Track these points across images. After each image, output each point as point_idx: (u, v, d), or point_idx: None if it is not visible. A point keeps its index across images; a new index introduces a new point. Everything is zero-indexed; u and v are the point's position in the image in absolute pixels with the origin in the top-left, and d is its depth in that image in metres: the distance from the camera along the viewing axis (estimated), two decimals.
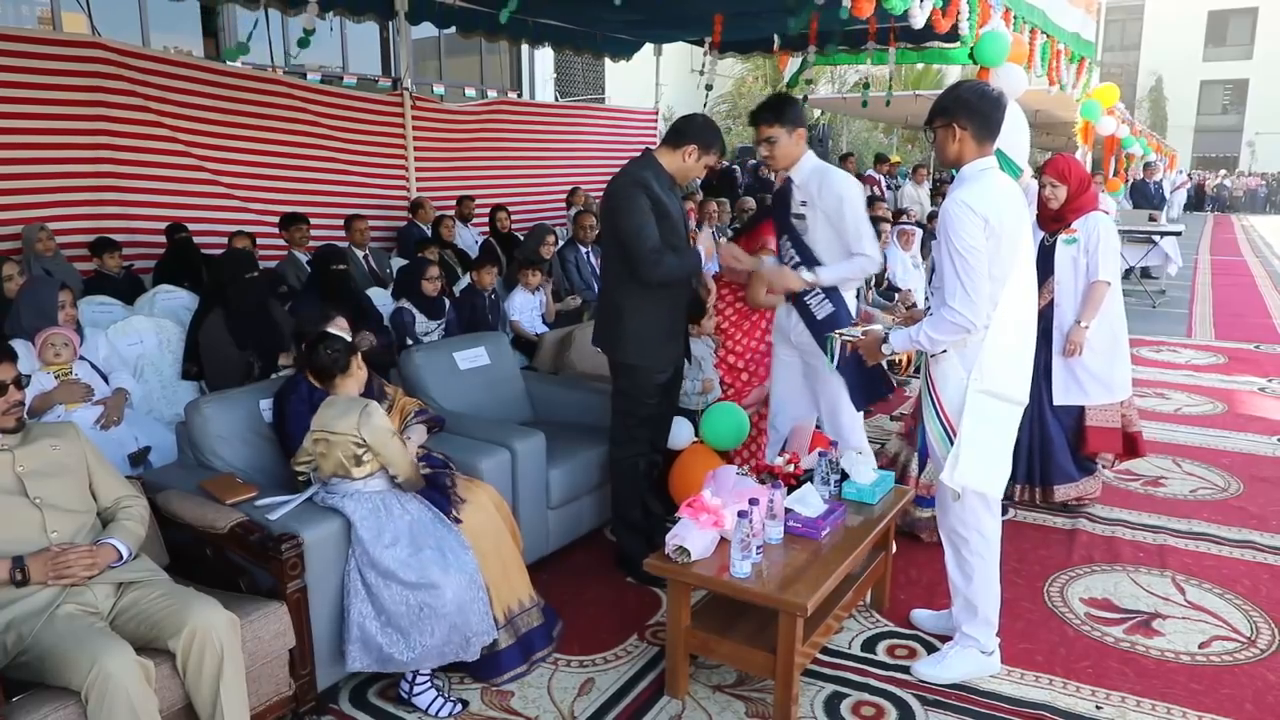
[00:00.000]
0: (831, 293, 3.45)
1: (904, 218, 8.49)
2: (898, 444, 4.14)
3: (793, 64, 10.20)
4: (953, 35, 5.75)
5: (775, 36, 9.60)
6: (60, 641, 2.15)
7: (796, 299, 3.49)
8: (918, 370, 4.50)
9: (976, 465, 2.77)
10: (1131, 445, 4.30)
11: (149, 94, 6.62)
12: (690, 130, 3.38)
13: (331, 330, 2.76)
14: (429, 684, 2.83)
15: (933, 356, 2.84)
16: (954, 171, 3.71)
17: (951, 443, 2.79)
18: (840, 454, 3.36)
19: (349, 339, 2.79)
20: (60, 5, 10.40)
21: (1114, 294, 4.10)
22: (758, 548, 2.76)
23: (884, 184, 12.06)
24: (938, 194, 13.00)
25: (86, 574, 2.32)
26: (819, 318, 3.47)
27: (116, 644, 2.15)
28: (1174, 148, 26.97)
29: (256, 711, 2.45)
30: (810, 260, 3.44)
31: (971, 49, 5.60)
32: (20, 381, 2.44)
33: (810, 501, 3.07)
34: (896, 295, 6.94)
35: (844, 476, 3.33)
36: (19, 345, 3.38)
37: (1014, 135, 4.89)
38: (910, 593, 3.54)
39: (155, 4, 10.58)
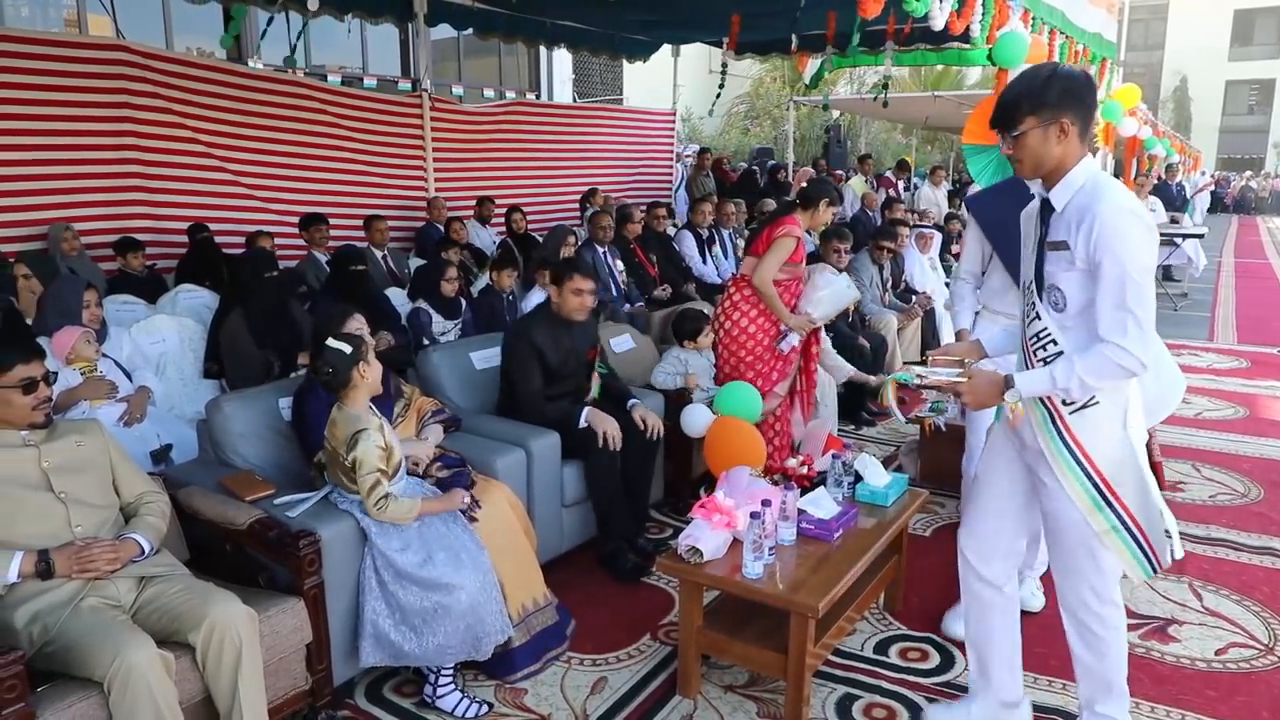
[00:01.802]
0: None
1: (922, 220, 8.47)
2: (909, 445, 4.14)
3: (812, 65, 10.19)
4: (966, 36, 5.75)
5: (793, 37, 9.60)
6: (84, 633, 2.19)
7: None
8: (934, 411, 4.28)
9: (1163, 531, 2.26)
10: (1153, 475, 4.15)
11: (172, 95, 6.71)
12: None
13: (334, 343, 2.76)
14: (453, 686, 2.85)
15: (1072, 407, 2.23)
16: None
17: (1121, 521, 2.24)
18: (855, 455, 3.37)
19: (348, 349, 2.77)
20: (86, 7, 10.53)
21: None
22: (770, 549, 2.78)
23: (901, 187, 12.02)
24: (956, 196, 12.94)
25: (109, 568, 2.36)
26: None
27: (138, 637, 2.19)
28: (1198, 149, 26.71)
29: (274, 705, 2.48)
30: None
31: (990, 50, 5.59)
32: (49, 378, 2.49)
33: (823, 503, 3.08)
34: (914, 297, 6.92)
35: (857, 479, 3.34)
36: (41, 343, 3.43)
37: None
38: (924, 595, 3.53)
39: (178, 6, 10.69)
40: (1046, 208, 2.22)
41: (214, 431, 3.15)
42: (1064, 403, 2.23)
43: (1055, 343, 2.22)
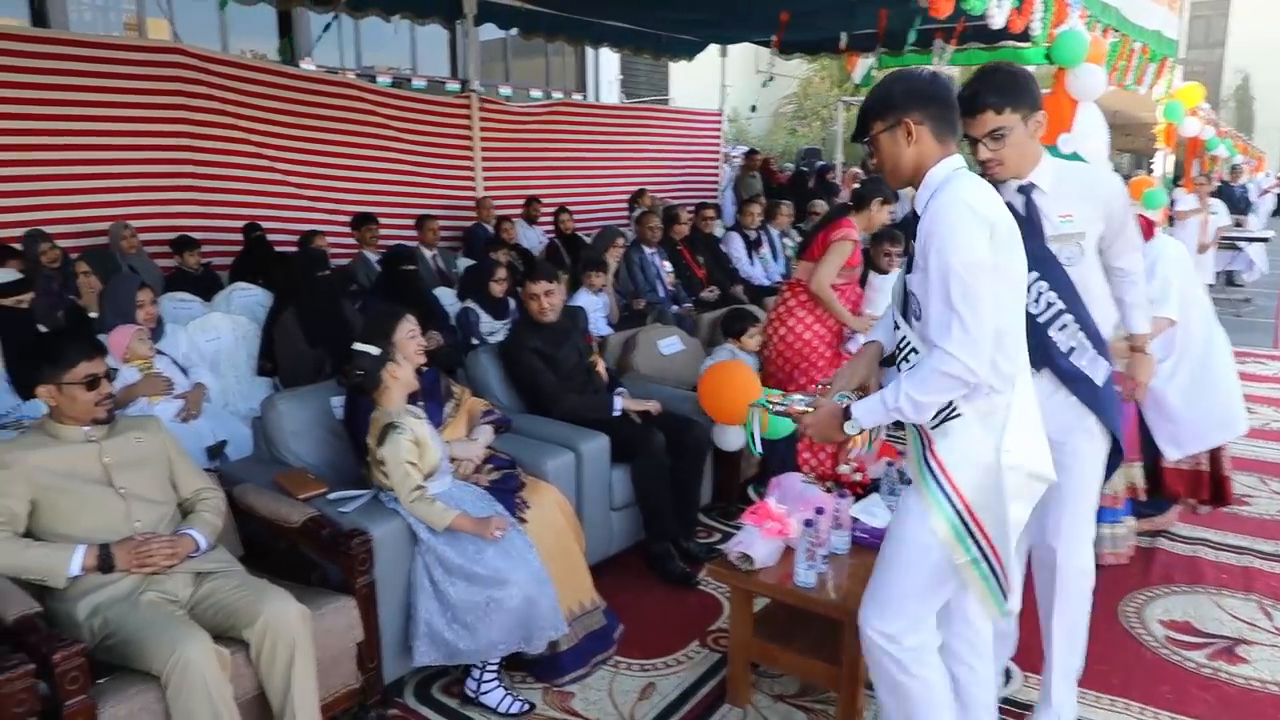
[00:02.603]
0: (1100, 343, 2.46)
1: None
2: None
3: (862, 64, 10.07)
4: (1025, 35, 5.63)
5: (843, 35, 9.50)
6: (143, 627, 2.22)
7: (1057, 360, 2.43)
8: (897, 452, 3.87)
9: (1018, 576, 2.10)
10: (1219, 491, 3.97)
11: (227, 97, 6.83)
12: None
13: (361, 346, 2.78)
14: (497, 682, 2.85)
15: (934, 428, 2.03)
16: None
17: (979, 547, 2.02)
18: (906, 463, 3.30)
19: (375, 350, 2.79)
20: (146, 12, 10.78)
21: (1194, 319, 3.70)
22: (823, 557, 2.73)
23: None
24: None
25: (167, 563, 2.39)
26: (1099, 381, 2.44)
27: (195, 632, 2.21)
28: (1262, 149, 25.92)
29: (325, 702, 2.49)
30: (1078, 303, 2.43)
31: (1048, 49, 5.47)
32: (110, 375, 2.53)
33: (877, 511, 3.02)
34: None
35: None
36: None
37: (1093, 139, 4.76)
38: None
39: (234, 9, 10.91)
40: (914, 215, 2.11)
41: (268, 429, 3.18)
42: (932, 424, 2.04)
43: (916, 353, 2.04)
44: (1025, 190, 2.38)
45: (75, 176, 6.06)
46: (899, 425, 2.16)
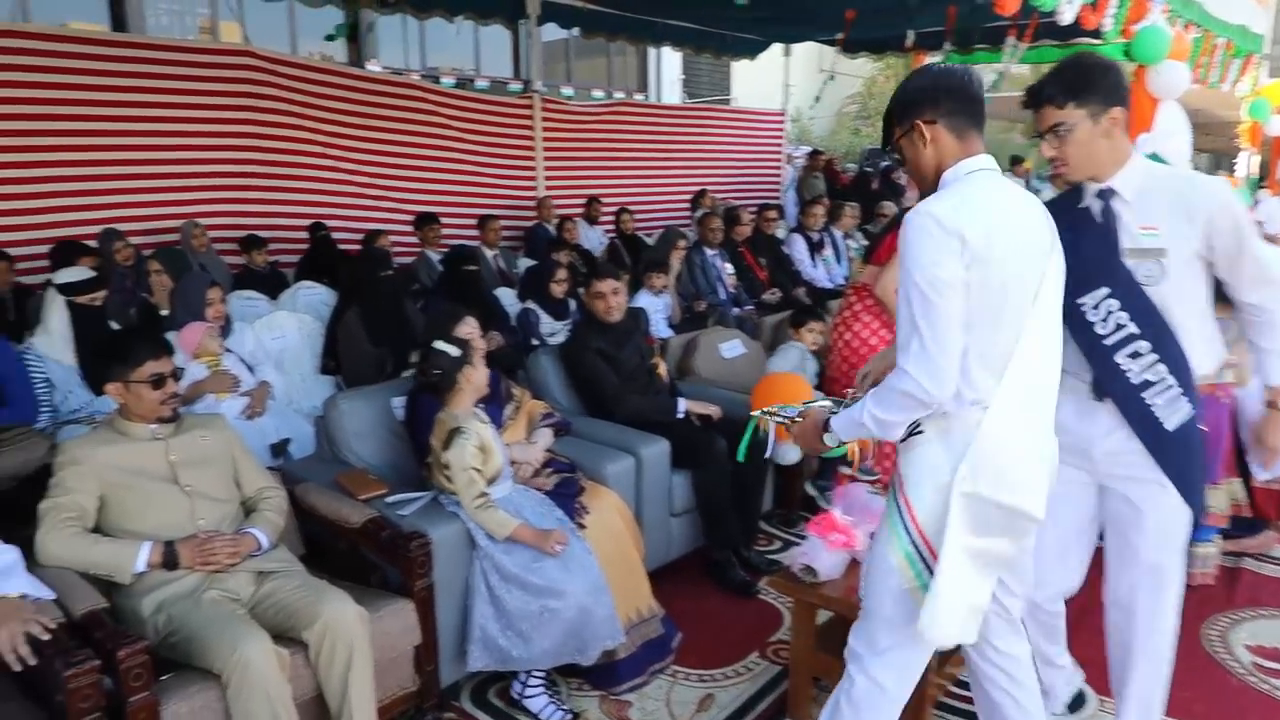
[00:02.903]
0: (1189, 383, 2.14)
1: None
2: None
3: (928, 62, 9.84)
4: (1096, 32, 5.44)
5: (909, 33, 9.30)
6: (205, 625, 2.23)
7: (1123, 391, 2.17)
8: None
9: (959, 610, 1.89)
10: None
11: (294, 99, 6.95)
12: None
13: (439, 341, 2.77)
14: (542, 689, 2.82)
15: (901, 443, 1.99)
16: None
17: (929, 571, 1.91)
18: None
19: (455, 351, 2.77)
20: (219, 16, 11.04)
21: None
22: None
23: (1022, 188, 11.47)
24: None
25: (229, 561, 2.41)
26: (1170, 427, 2.13)
27: (256, 632, 2.21)
28: None
29: (382, 705, 2.48)
30: (1159, 330, 2.14)
31: (1127, 46, 5.27)
32: (177, 374, 2.56)
33: None
34: None
35: None
36: (170, 338, 3.55)
37: (1176, 138, 4.55)
38: None
39: (304, 13, 11.12)
40: None
41: (330, 429, 3.20)
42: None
43: None
44: (1104, 196, 2.17)
45: (149, 176, 6.23)
46: None
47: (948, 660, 2.68)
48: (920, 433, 1.93)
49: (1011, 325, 1.87)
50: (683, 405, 3.71)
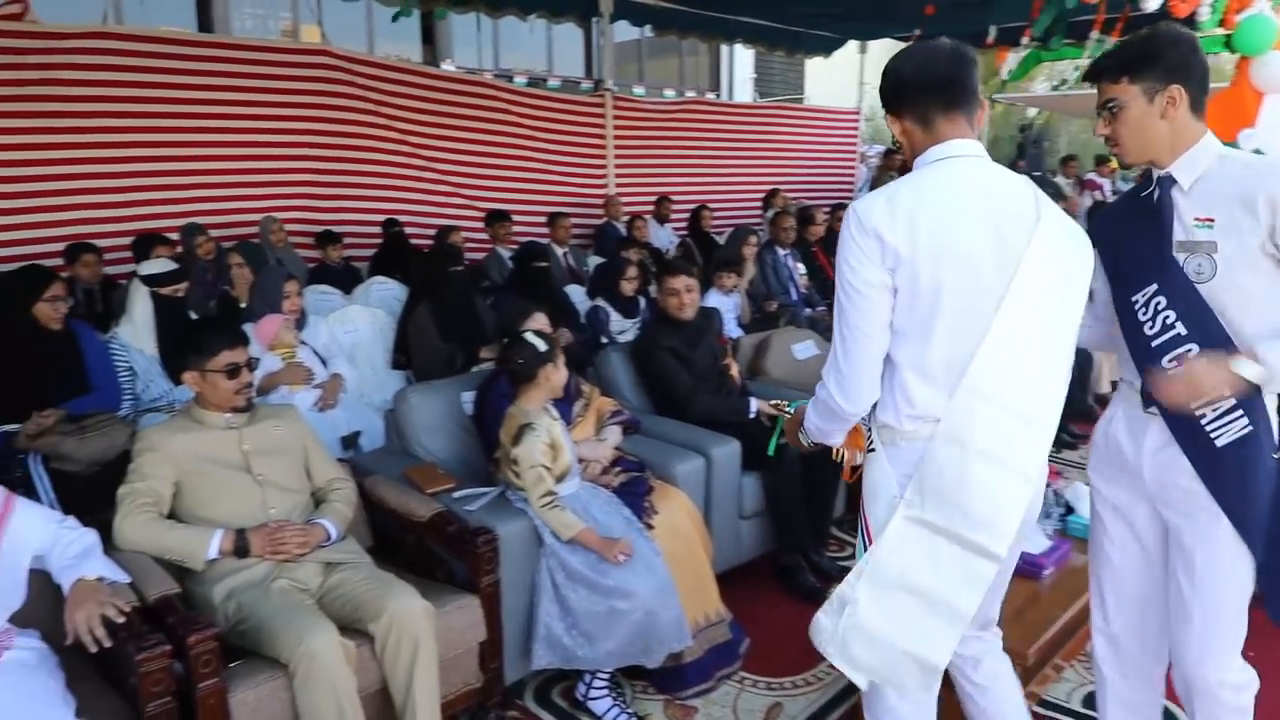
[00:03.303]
0: (1248, 398, 1.81)
1: None
2: None
3: (1012, 59, 9.54)
4: (1191, 21, 5.19)
5: (991, 29, 9.03)
6: (274, 615, 2.24)
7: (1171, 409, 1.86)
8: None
9: (877, 641, 1.75)
10: None
11: (370, 97, 7.07)
12: None
13: (530, 331, 2.74)
14: (606, 691, 2.77)
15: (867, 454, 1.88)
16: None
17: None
18: (1067, 484, 3.05)
19: (542, 346, 2.74)
20: (300, 18, 11.31)
21: None
22: None
23: (1107, 189, 11.08)
24: None
25: (299, 552, 2.42)
26: (1220, 444, 1.83)
27: (323, 623, 2.21)
28: None
29: (446, 700, 2.46)
30: (1211, 333, 1.83)
31: (1228, 36, 5.02)
32: (251, 365, 2.58)
33: (1031, 536, 2.78)
34: None
35: (1069, 510, 3.02)
36: (247, 330, 3.61)
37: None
38: None
39: (381, 14, 11.33)
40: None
41: (400, 422, 3.20)
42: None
43: None
44: (1163, 183, 1.90)
45: (230, 170, 6.40)
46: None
47: (1031, 678, 2.56)
48: (873, 449, 1.84)
49: (954, 334, 1.69)
50: (754, 405, 3.63)
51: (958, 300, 1.68)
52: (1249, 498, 1.82)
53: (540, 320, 3.03)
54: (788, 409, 2.26)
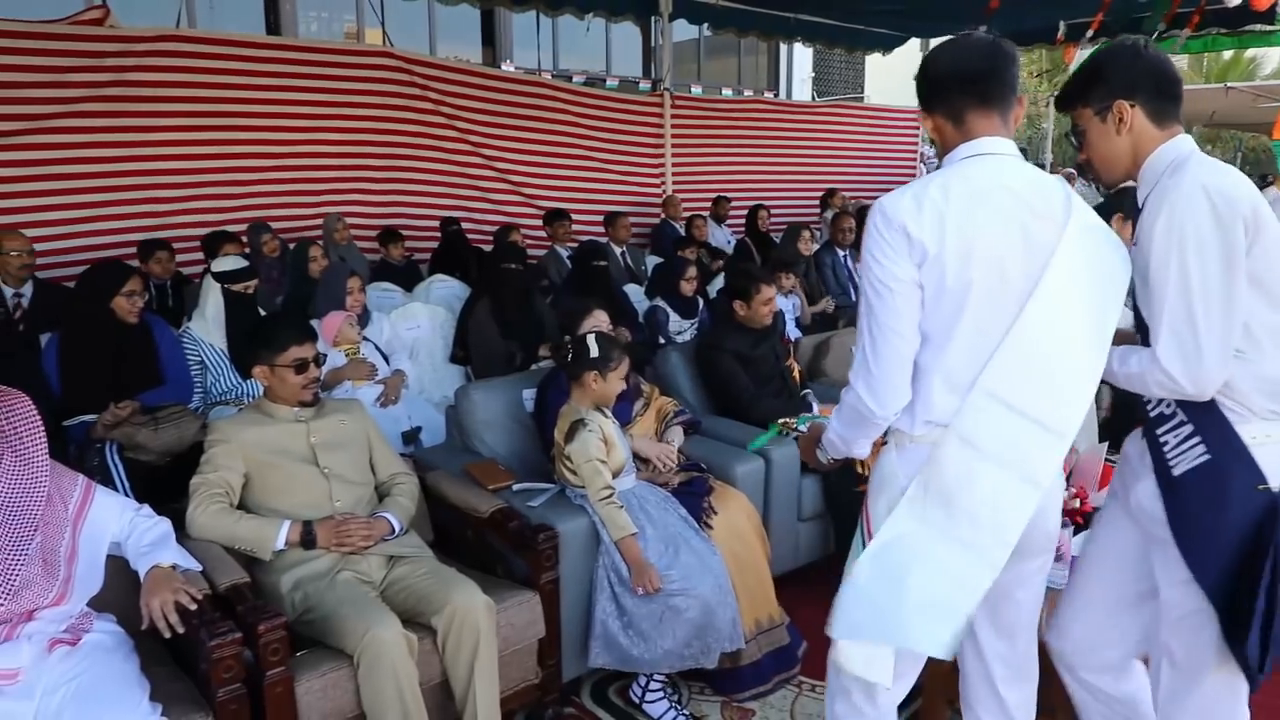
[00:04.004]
0: (1208, 422, 1.71)
1: None
2: None
3: (1080, 57, 9.31)
4: (1270, 14, 5.01)
5: (1060, 25, 8.81)
6: (339, 605, 2.28)
7: (1148, 430, 1.81)
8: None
9: (876, 602, 1.75)
10: None
11: (431, 97, 7.15)
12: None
13: (593, 334, 2.75)
14: (662, 693, 2.76)
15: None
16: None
17: None
18: None
19: (595, 352, 2.73)
20: (365, 21, 11.51)
21: None
22: None
23: None
24: None
25: (363, 544, 2.45)
26: (1175, 471, 1.74)
27: (387, 615, 2.24)
28: None
29: (504, 696, 2.47)
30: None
31: None
32: (319, 360, 2.63)
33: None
34: None
35: None
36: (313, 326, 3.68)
37: None
38: None
39: (441, 17, 11.48)
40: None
41: (461, 418, 3.23)
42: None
43: None
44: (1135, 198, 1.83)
45: (295, 168, 6.52)
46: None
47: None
48: (885, 442, 1.81)
49: (979, 337, 1.63)
50: (815, 408, 3.59)
51: (983, 302, 1.63)
52: (1201, 529, 1.70)
53: (601, 318, 3.04)
54: (798, 426, 2.25)
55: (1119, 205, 3.80)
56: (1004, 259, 1.62)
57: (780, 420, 2.47)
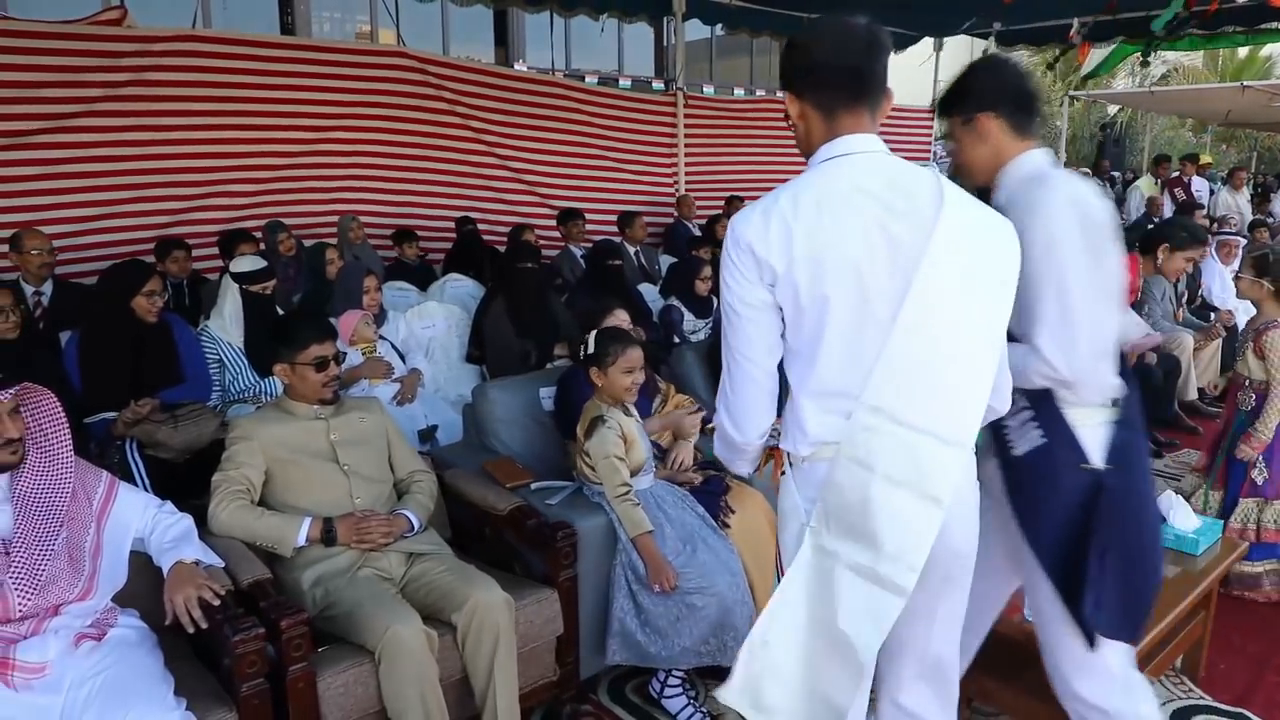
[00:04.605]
0: (1044, 408, 1.83)
1: (1224, 227, 7.47)
2: (1193, 481, 3.56)
3: (1094, 55, 9.26)
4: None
5: (1075, 22, 8.76)
6: (360, 602, 2.29)
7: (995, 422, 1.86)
8: None
9: (790, 683, 1.62)
10: None
11: (445, 97, 7.16)
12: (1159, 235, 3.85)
13: (607, 333, 2.75)
14: (680, 689, 2.77)
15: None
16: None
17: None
18: (1159, 492, 2.94)
19: (599, 349, 2.72)
20: (378, 23, 11.55)
21: None
22: None
23: (1203, 187, 10.58)
24: (1264, 200, 11.40)
25: (383, 541, 2.47)
26: (1016, 452, 1.86)
27: (408, 612, 2.26)
28: None
29: (523, 693, 2.48)
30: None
31: None
32: (339, 358, 2.65)
33: None
34: (1214, 315, 6.10)
35: (1160, 520, 2.91)
36: None
37: None
38: (1232, 663, 3.03)
39: (454, 18, 11.51)
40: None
41: (479, 416, 3.24)
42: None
43: None
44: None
45: (309, 167, 6.54)
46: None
47: None
48: (783, 472, 1.72)
49: (851, 352, 1.56)
50: None
51: (846, 315, 1.55)
52: (1037, 505, 1.83)
53: (621, 318, 3.04)
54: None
55: (1163, 233, 3.75)
56: (861, 268, 1.55)
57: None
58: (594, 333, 2.74)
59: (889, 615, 1.55)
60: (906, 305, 1.53)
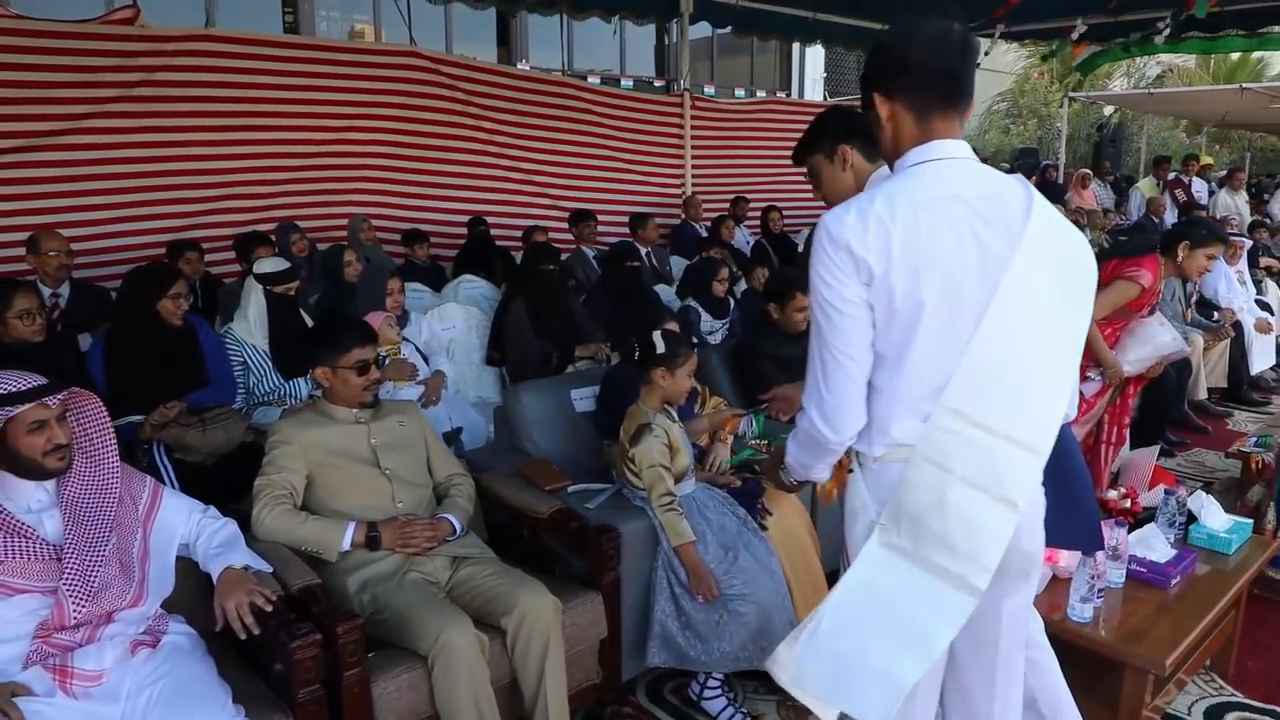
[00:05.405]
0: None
1: (1229, 227, 7.52)
2: (1259, 491, 3.58)
3: (1089, 51, 9.25)
4: None
5: (1079, 21, 8.78)
6: (410, 607, 2.28)
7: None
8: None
9: (834, 657, 1.61)
10: None
11: (454, 96, 7.14)
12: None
13: (660, 335, 2.74)
14: (720, 691, 2.78)
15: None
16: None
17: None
18: (1190, 492, 2.97)
19: (661, 350, 2.71)
20: (382, 23, 11.52)
21: None
22: (1098, 591, 2.48)
23: (1201, 189, 10.63)
24: (1259, 201, 11.48)
25: (427, 545, 2.46)
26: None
27: (459, 616, 2.25)
28: None
29: (569, 695, 2.48)
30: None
31: None
32: (379, 361, 2.64)
33: (1156, 544, 2.73)
34: (1217, 314, 6.14)
35: (1191, 519, 2.94)
36: None
37: None
38: (1261, 662, 3.06)
39: (458, 17, 11.48)
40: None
41: (510, 418, 3.24)
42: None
43: None
44: None
45: (321, 168, 6.51)
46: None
47: (1160, 691, 2.50)
48: (850, 470, 1.72)
49: (937, 356, 1.55)
50: None
51: (938, 319, 1.55)
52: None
53: (672, 325, 3.04)
54: (752, 444, 2.27)
55: (1184, 232, 3.74)
56: (956, 274, 1.54)
57: (753, 441, 2.71)
58: (657, 334, 2.73)
59: (962, 613, 1.56)
60: (991, 311, 1.53)
